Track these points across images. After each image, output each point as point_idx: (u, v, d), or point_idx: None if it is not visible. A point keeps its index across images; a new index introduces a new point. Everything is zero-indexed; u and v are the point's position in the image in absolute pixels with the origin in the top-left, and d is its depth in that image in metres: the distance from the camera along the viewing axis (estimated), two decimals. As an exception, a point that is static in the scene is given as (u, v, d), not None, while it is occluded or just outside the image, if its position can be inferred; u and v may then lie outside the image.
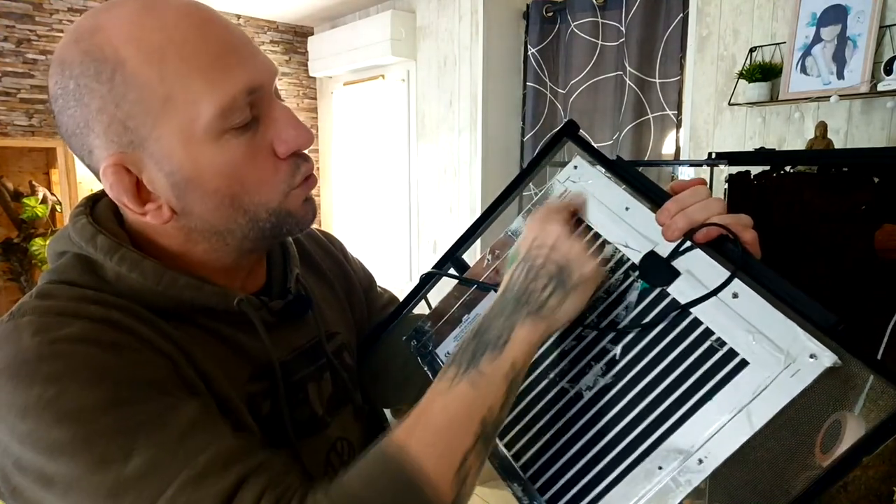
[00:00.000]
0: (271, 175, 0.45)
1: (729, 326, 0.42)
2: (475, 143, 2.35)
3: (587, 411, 0.48)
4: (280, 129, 0.45)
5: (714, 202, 0.45)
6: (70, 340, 0.39)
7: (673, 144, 1.96)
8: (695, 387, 0.43)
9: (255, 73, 0.43)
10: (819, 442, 0.47)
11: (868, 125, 1.47)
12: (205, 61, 0.41)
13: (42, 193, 2.55)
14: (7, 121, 2.47)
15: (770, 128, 1.63)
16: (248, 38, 0.46)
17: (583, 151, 0.53)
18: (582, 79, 2.14)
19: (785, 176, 1.23)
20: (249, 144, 0.44)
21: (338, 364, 0.58)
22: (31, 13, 2.47)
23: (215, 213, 0.46)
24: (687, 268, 0.45)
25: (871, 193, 1.12)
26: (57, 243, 0.48)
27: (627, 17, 1.96)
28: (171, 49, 0.41)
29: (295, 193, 0.47)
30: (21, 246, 2.54)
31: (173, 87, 0.41)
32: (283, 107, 0.46)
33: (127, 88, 0.41)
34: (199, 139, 0.42)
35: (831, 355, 0.38)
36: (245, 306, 0.48)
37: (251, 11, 2.98)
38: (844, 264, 1.14)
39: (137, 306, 0.44)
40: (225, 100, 0.41)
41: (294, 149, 0.46)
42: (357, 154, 3.09)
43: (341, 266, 0.67)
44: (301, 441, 0.51)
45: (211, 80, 0.41)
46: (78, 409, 0.37)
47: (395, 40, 2.52)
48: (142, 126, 0.42)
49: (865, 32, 1.42)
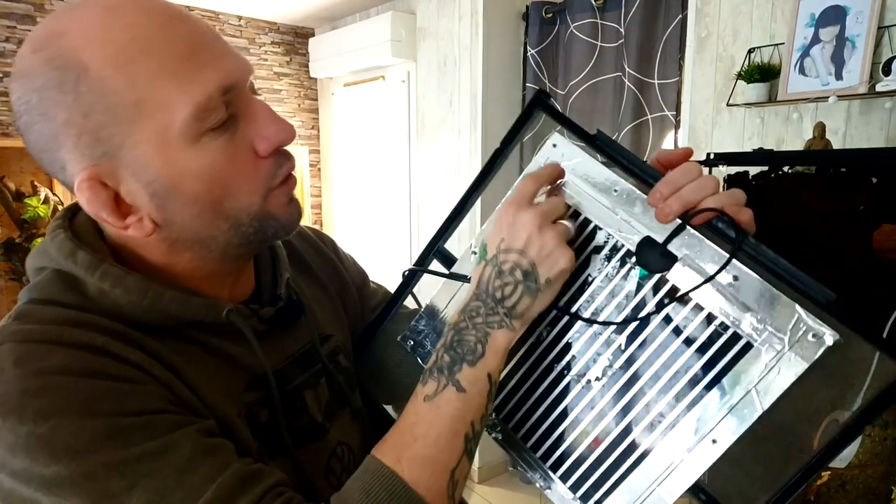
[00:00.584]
0: (252, 175, 0.43)
1: (731, 310, 0.43)
2: (475, 144, 2.36)
3: (599, 401, 0.48)
4: (260, 125, 0.43)
5: (707, 181, 0.44)
6: (55, 372, 0.37)
7: (672, 145, 1.97)
8: (702, 371, 0.44)
9: (228, 70, 0.42)
10: (818, 442, 0.48)
11: (866, 126, 1.47)
12: (174, 60, 0.39)
13: (44, 194, 2.55)
14: (9, 121, 2.47)
15: (769, 128, 1.64)
16: (217, 33, 0.44)
17: (560, 125, 0.50)
18: (581, 80, 2.14)
19: (783, 176, 1.23)
20: (228, 144, 0.42)
21: (333, 368, 0.57)
22: (33, 14, 2.48)
23: (197, 221, 0.43)
24: (684, 251, 0.45)
25: (869, 194, 1.13)
26: (36, 259, 0.45)
27: (626, 19, 1.96)
28: (137, 49, 0.39)
29: (276, 194, 0.45)
30: (23, 246, 2.54)
31: (143, 90, 0.39)
32: (261, 103, 0.44)
33: (94, 96, 0.38)
34: (176, 144, 0.40)
35: (833, 333, 0.39)
36: (234, 317, 0.46)
37: (252, 13, 2.99)
38: (843, 264, 1.14)
39: (122, 326, 0.42)
40: (199, 100, 0.39)
41: (276, 145, 0.44)
42: (357, 154, 3.09)
43: (333, 265, 0.66)
44: (302, 448, 0.50)
45: (183, 81, 0.39)
46: (74, 444, 0.35)
47: (396, 41, 2.53)
48: (114, 135, 0.39)
49: (864, 33, 1.42)
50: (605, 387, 0.48)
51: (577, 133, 0.50)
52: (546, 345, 0.51)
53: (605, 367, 0.48)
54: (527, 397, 0.52)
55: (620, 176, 0.48)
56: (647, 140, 2.01)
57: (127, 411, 0.38)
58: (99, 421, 0.36)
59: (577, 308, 0.49)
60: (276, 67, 3.17)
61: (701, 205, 0.43)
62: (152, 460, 0.37)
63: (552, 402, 0.51)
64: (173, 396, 0.41)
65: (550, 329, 0.51)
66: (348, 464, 0.55)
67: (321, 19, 3.09)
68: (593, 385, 0.49)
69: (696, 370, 0.44)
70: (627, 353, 0.47)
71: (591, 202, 0.49)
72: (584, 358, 0.49)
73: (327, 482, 0.52)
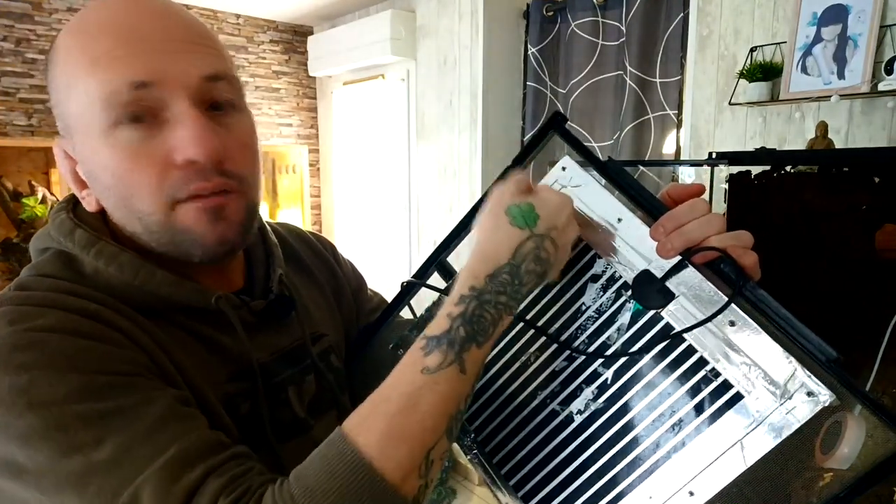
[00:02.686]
0: (156, 180, 0.42)
1: (724, 356, 0.41)
2: (475, 143, 2.35)
3: (578, 435, 0.47)
4: (179, 135, 0.42)
5: (714, 219, 0.43)
6: (45, 329, 0.38)
7: (673, 144, 1.96)
8: (687, 417, 0.42)
9: (154, 68, 0.41)
10: (819, 443, 0.47)
11: (869, 125, 1.46)
12: (100, 50, 0.41)
13: (41, 193, 2.54)
14: (6, 121, 2.46)
15: (770, 127, 1.63)
16: (189, 35, 0.43)
17: (572, 150, 0.50)
18: (582, 78, 2.13)
19: (785, 176, 1.23)
20: (141, 143, 0.42)
21: (323, 367, 0.57)
22: (31, 13, 2.46)
23: (117, 213, 0.45)
24: (682, 289, 0.43)
25: (871, 193, 1.12)
26: (38, 240, 0.47)
27: (628, 17, 1.96)
28: (80, 38, 0.42)
29: (185, 208, 0.43)
30: (20, 246, 2.53)
31: (71, 73, 0.42)
32: (194, 115, 0.42)
33: (51, 76, 0.44)
34: (94, 131, 0.42)
35: (829, 394, 0.37)
36: (223, 304, 0.47)
37: (250, 11, 2.98)
38: (845, 264, 1.14)
39: (116, 301, 0.43)
40: (106, 89, 0.41)
41: (187, 157, 0.42)
42: (357, 153, 3.08)
43: (330, 267, 0.67)
44: (285, 443, 0.50)
45: (99, 69, 0.41)
46: (50, 397, 0.36)
47: (395, 40, 2.52)
48: (63, 115, 0.44)
49: (866, 32, 1.42)
50: (586, 421, 0.46)
51: (589, 158, 0.49)
52: (531, 371, 0.50)
53: (587, 401, 0.47)
54: (506, 422, 0.50)
55: (627, 206, 0.46)
56: (649, 139, 2.00)
57: (106, 370, 0.38)
58: (77, 375, 0.37)
59: (567, 336, 0.48)
60: (275, 66, 3.16)
61: (704, 243, 0.42)
62: (123, 416, 0.37)
63: (531, 431, 0.49)
64: (156, 368, 0.42)
65: (538, 355, 0.50)
66: None
67: (320, 17, 3.08)
68: (575, 418, 0.47)
69: (680, 415, 0.42)
70: (612, 388, 0.45)
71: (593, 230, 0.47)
72: (568, 389, 0.48)
73: None
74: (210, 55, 0.45)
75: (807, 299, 1.11)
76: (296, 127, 3.27)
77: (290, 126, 3.24)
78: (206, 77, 0.43)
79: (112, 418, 0.37)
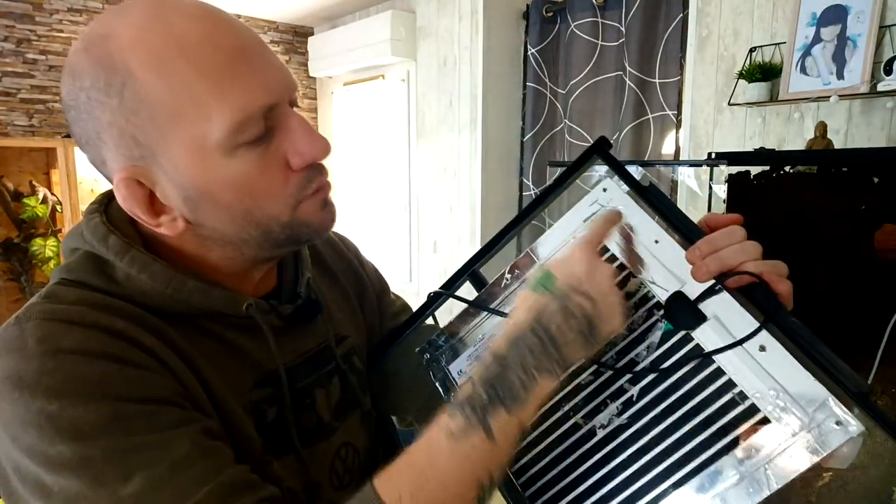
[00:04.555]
0: (281, 187, 0.44)
1: (752, 380, 0.41)
2: (475, 143, 2.35)
3: (600, 449, 0.46)
4: (296, 141, 0.44)
5: (750, 246, 0.43)
6: (73, 351, 0.39)
7: (673, 144, 1.96)
8: (712, 438, 0.41)
9: (270, 88, 0.42)
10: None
11: (868, 125, 1.47)
12: (216, 73, 0.40)
13: (42, 193, 2.55)
14: (7, 121, 2.47)
15: (770, 128, 1.63)
16: (264, 45, 0.44)
17: (614, 173, 0.50)
18: (582, 79, 2.14)
19: (785, 176, 1.23)
20: (262, 157, 0.42)
21: (347, 368, 0.57)
22: (31, 13, 2.47)
23: (229, 226, 0.45)
24: (714, 312, 0.43)
25: (870, 193, 1.12)
26: (71, 240, 0.48)
27: (627, 18, 1.96)
28: (181, 59, 0.39)
29: (307, 204, 0.46)
30: (21, 246, 2.54)
31: (183, 100, 0.40)
32: (299, 118, 0.45)
33: (136, 102, 0.40)
34: (211, 153, 0.41)
35: (858, 425, 0.36)
36: (254, 311, 0.47)
37: (251, 11, 2.98)
38: (844, 264, 1.14)
39: (145, 312, 0.43)
40: (239, 117, 0.40)
41: (309, 161, 0.44)
42: (357, 154, 3.09)
43: (354, 269, 0.67)
44: (310, 448, 0.50)
45: (224, 95, 0.40)
46: (79, 426, 0.37)
47: (395, 40, 2.52)
48: (152, 141, 0.41)
49: (865, 32, 1.42)
50: (608, 436, 0.46)
51: (630, 182, 0.49)
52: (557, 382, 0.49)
53: (612, 416, 0.46)
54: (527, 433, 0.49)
55: (664, 229, 0.47)
56: (648, 139, 2.00)
57: (134, 397, 0.39)
58: (105, 405, 0.38)
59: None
60: (276, 66, 3.17)
61: (740, 268, 0.42)
62: (150, 452, 0.38)
63: (552, 442, 0.49)
64: (182, 389, 0.42)
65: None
66: (351, 465, 0.55)
67: (321, 18, 3.08)
68: (597, 432, 0.47)
69: (706, 435, 0.42)
70: (638, 405, 0.45)
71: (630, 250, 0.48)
72: (593, 403, 0.47)
73: (330, 482, 0.52)
74: (277, 57, 0.46)
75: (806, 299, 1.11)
76: (296, 127, 3.28)
77: (291, 126, 3.25)
78: (296, 87, 0.46)
79: (139, 454, 0.38)
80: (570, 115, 2.18)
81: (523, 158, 2.39)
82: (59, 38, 2.55)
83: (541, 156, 2.32)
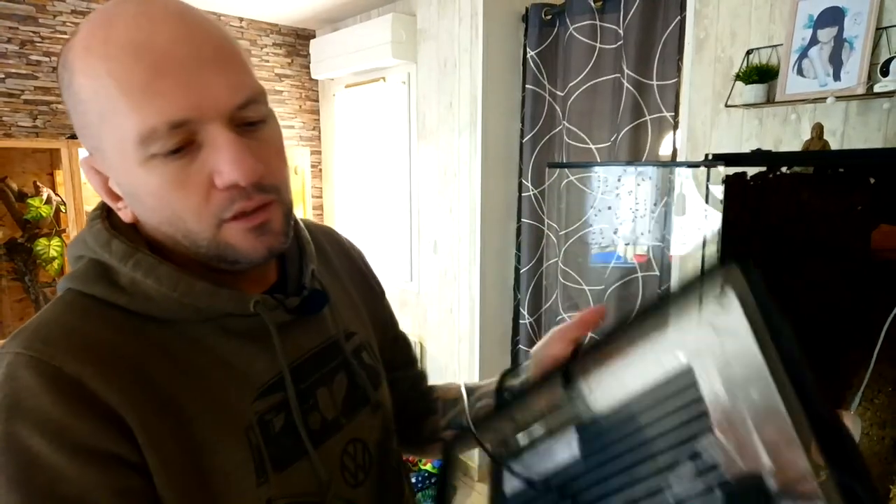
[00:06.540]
0: (201, 204, 0.43)
1: None
2: (475, 145, 2.37)
3: None
4: (218, 160, 0.42)
5: None
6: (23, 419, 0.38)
7: (670, 146, 1.97)
8: None
9: (185, 105, 0.40)
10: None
11: (864, 126, 1.47)
12: (130, 84, 0.40)
13: (46, 194, 2.57)
14: (11, 122, 2.49)
15: (767, 129, 1.64)
16: (219, 55, 0.42)
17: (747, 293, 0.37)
18: (580, 81, 2.15)
19: (781, 177, 1.24)
20: (181, 171, 0.42)
21: (356, 364, 0.57)
22: (35, 15, 2.49)
23: (162, 227, 0.45)
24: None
25: (867, 194, 1.13)
26: (75, 247, 0.48)
27: (625, 20, 1.97)
28: (105, 66, 0.40)
29: (230, 226, 0.44)
30: (25, 246, 2.56)
31: (104, 105, 0.41)
32: (230, 138, 0.42)
33: (76, 100, 0.42)
34: (130, 159, 0.42)
35: None
36: (261, 309, 0.47)
37: (253, 14, 3.00)
38: (841, 264, 1.14)
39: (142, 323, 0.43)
40: (143, 129, 0.40)
41: (228, 182, 0.42)
42: (358, 155, 3.10)
43: (360, 271, 0.67)
44: (319, 447, 0.51)
45: (136, 106, 0.40)
46: None
47: (396, 43, 2.54)
48: (93, 136, 0.43)
49: (862, 34, 1.43)
50: None
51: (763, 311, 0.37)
52: None
53: None
54: None
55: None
56: (646, 141, 2.01)
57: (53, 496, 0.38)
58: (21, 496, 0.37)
59: None
60: (278, 69, 3.18)
61: None
62: None
63: None
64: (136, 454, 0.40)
65: None
66: (361, 461, 0.55)
67: (322, 21, 3.10)
68: None
69: None
70: None
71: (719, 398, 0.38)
72: None
73: (343, 479, 0.53)
74: (238, 73, 0.43)
75: (803, 299, 1.11)
76: (298, 129, 3.29)
77: (293, 128, 3.27)
78: (239, 106, 0.43)
79: None
80: (569, 117, 2.19)
81: (522, 159, 2.40)
82: (62, 40, 2.57)
83: (539, 157, 2.33)
